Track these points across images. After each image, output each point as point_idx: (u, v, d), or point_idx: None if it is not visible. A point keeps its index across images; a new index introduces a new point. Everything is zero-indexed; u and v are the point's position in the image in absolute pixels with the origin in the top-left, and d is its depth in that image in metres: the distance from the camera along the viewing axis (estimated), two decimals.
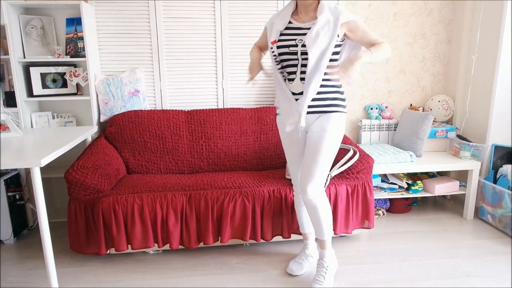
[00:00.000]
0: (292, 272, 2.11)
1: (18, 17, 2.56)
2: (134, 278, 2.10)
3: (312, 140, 1.84)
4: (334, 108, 1.84)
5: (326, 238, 1.96)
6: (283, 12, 1.85)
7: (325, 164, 1.84)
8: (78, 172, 2.10)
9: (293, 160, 2.00)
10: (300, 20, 1.82)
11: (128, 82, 2.71)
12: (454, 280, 2.05)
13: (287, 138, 1.96)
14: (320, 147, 1.82)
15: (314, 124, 1.85)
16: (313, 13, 1.80)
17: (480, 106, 2.93)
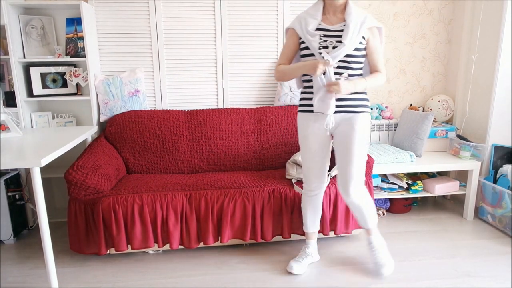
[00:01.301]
0: (292, 270, 2.11)
1: (18, 17, 2.56)
2: (134, 278, 2.10)
3: (343, 140, 1.90)
4: (361, 109, 1.89)
5: (371, 227, 2.08)
6: (311, 12, 1.84)
7: (360, 162, 1.91)
8: (78, 172, 2.10)
9: (312, 158, 1.98)
10: (328, 21, 1.83)
11: (128, 82, 2.71)
12: (454, 280, 2.05)
13: (310, 136, 1.94)
14: (352, 147, 1.88)
15: (343, 124, 1.89)
16: (341, 14, 1.82)
17: (480, 106, 2.93)
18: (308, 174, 2.04)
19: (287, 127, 2.76)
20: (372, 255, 2.12)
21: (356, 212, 2.03)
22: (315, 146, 1.95)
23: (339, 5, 1.80)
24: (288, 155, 2.76)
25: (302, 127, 1.97)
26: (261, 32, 2.86)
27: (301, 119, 1.98)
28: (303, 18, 1.85)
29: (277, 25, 2.86)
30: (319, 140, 1.95)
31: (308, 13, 1.85)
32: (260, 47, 2.88)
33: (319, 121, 1.91)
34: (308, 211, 2.11)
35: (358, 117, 1.89)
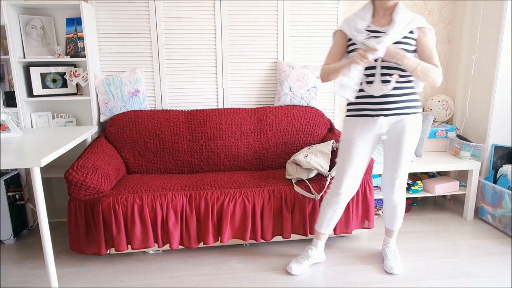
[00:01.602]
0: (291, 271, 2.11)
1: (18, 17, 2.56)
2: (134, 278, 2.10)
3: (394, 142, 1.92)
4: (413, 110, 1.89)
5: (396, 229, 2.19)
6: (360, 14, 1.85)
7: (408, 164, 1.98)
8: (78, 172, 2.10)
9: (350, 162, 1.96)
10: (378, 23, 1.83)
11: (128, 82, 2.71)
12: (454, 280, 2.05)
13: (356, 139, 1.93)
14: (403, 149, 1.92)
15: (395, 126, 1.89)
16: (391, 16, 1.83)
17: (480, 106, 2.93)
18: (341, 177, 2.00)
19: (287, 127, 2.76)
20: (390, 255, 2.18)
21: (390, 211, 2.11)
22: (357, 150, 1.94)
23: (389, 6, 1.80)
24: (288, 155, 2.76)
25: (348, 130, 1.96)
26: (261, 32, 2.86)
27: (348, 123, 1.97)
28: (351, 19, 1.86)
29: (277, 25, 2.86)
30: (362, 145, 1.94)
31: (356, 15, 1.86)
32: (260, 47, 2.88)
33: (368, 125, 1.90)
34: (328, 213, 2.08)
35: (410, 118, 1.89)
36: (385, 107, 1.85)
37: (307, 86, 2.83)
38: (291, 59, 2.94)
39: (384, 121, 1.87)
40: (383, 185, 2.09)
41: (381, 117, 1.86)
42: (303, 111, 2.80)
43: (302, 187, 2.28)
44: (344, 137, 1.98)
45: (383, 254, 2.25)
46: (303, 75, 2.82)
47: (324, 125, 2.81)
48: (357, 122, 1.92)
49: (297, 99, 2.84)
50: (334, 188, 2.04)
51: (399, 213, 2.11)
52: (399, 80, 1.83)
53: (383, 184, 2.08)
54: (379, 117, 1.87)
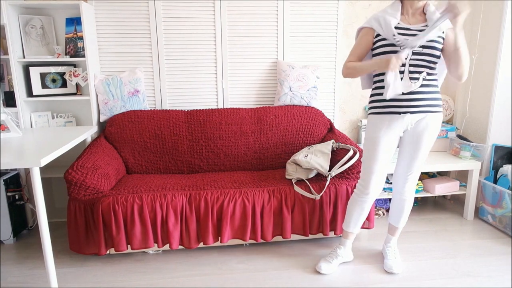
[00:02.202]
0: (320, 270, 2.10)
1: (18, 17, 2.56)
2: (134, 278, 2.10)
3: (415, 139, 1.93)
4: (436, 108, 1.90)
5: (400, 226, 2.19)
6: (390, 11, 1.84)
7: (423, 161, 2.00)
8: (78, 172, 2.10)
9: (377, 161, 1.95)
10: (407, 21, 1.83)
11: (128, 82, 2.71)
12: (454, 280, 2.05)
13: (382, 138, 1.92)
14: (423, 146, 1.94)
15: (418, 123, 1.90)
16: (420, 16, 1.84)
17: (480, 106, 2.93)
18: (369, 177, 1.98)
19: (287, 127, 2.75)
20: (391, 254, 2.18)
21: (398, 206, 2.12)
22: (383, 148, 1.93)
23: (419, 6, 1.82)
24: (288, 155, 2.76)
25: (374, 128, 1.94)
26: (261, 32, 2.86)
27: (373, 120, 1.95)
28: (380, 16, 1.85)
29: (277, 25, 2.86)
30: (388, 143, 1.93)
31: (386, 12, 1.85)
32: (260, 47, 2.88)
33: (395, 123, 1.90)
34: (356, 212, 2.07)
35: (432, 117, 1.90)
36: (412, 104, 1.85)
37: (307, 86, 2.83)
38: (291, 59, 2.94)
39: (410, 118, 1.88)
40: (396, 179, 2.08)
41: (408, 114, 1.87)
42: (303, 111, 2.80)
43: (302, 187, 2.27)
44: (370, 135, 1.96)
45: (383, 253, 2.25)
46: (303, 75, 2.81)
47: (324, 125, 2.81)
48: (384, 119, 1.91)
49: (297, 99, 2.84)
50: (362, 188, 2.02)
51: (406, 209, 2.11)
52: (426, 77, 1.84)
53: (396, 178, 2.08)
54: (406, 114, 1.87)
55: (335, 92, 3.03)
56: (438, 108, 1.90)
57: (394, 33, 1.78)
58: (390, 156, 1.97)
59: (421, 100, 1.85)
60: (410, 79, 1.82)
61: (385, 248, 2.24)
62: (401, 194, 2.08)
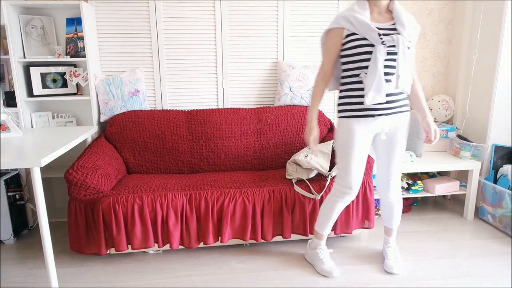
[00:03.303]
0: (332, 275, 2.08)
1: (18, 17, 2.56)
2: (134, 278, 2.10)
3: (389, 140, 1.94)
4: (407, 108, 1.92)
5: (395, 227, 2.19)
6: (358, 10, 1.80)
7: (402, 160, 2.01)
8: (78, 172, 2.10)
9: (358, 164, 1.93)
10: (374, 20, 1.82)
11: (128, 82, 2.71)
12: (454, 280, 2.05)
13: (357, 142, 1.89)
14: (398, 146, 1.95)
15: (391, 124, 1.90)
16: (386, 14, 1.83)
17: (480, 106, 2.93)
18: (349, 179, 1.95)
19: (287, 127, 2.75)
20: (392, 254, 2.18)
21: (388, 209, 2.13)
22: (359, 151, 1.91)
23: (384, 4, 1.81)
24: (288, 155, 2.76)
25: (348, 133, 1.89)
26: (261, 32, 2.86)
27: (347, 125, 1.89)
28: (350, 15, 1.79)
29: (277, 25, 2.86)
30: (364, 148, 1.92)
31: (354, 11, 1.80)
32: (260, 47, 2.88)
33: (370, 126, 1.88)
34: (334, 215, 2.06)
35: (404, 116, 1.91)
36: (387, 106, 1.84)
37: (308, 86, 2.83)
38: (291, 59, 2.94)
39: (384, 120, 1.87)
40: (379, 184, 2.09)
41: (383, 116, 1.86)
42: (303, 111, 2.80)
43: (302, 187, 2.28)
44: (344, 141, 1.91)
45: (384, 253, 2.25)
46: (303, 75, 2.82)
47: (324, 125, 2.81)
48: (358, 123, 1.87)
49: (297, 99, 2.84)
50: (344, 194, 1.98)
51: (396, 211, 2.12)
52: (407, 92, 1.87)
53: (379, 183, 2.09)
54: (380, 116, 1.85)
55: (335, 92, 3.03)
56: (407, 107, 1.93)
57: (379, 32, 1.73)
58: (365, 156, 1.95)
59: (394, 102, 1.85)
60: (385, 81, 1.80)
61: (385, 248, 2.24)
62: (387, 198, 2.09)
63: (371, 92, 1.77)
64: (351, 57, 1.82)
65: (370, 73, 1.77)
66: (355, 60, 1.81)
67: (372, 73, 1.76)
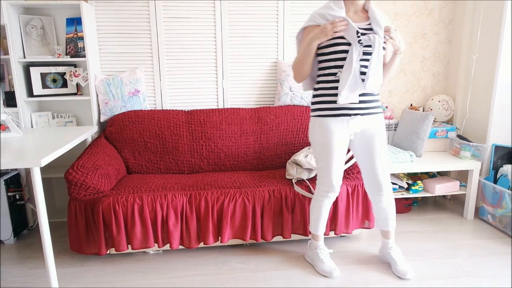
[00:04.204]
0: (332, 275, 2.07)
1: (18, 17, 2.56)
2: (134, 278, 2.10)
3: (369, 141, 1.92)
4: (379, 110, 1.92)
5: (391, 229, 2.14)
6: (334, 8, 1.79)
7: (387, 162, 1.98)
8: (78, 172, 2.10)
9: (336, 164, 1.93)
10: (351, 19, 1.81)
11: (128, 82, 2.71)
12: (454, 280, 2.05)
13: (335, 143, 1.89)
14: (380, 147, 1.93)
15: (367, 125, 1.89)
16: (362, 13, 1.84)
17: (480, 106, 2.93)
18: (330, 177, 1.96)
19: (287, 127, 2.75)
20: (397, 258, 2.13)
21: (381, 213, 2.08)
22: (338, 151, 1.91)
23: (361, 4, 1.82)
24: (288, 155, 2.76)
25: (326, 132, 1.88)
26: (261, 32, 2.86)
27: (323, 124, 1.88)
28: (326, 13, 1.79)
29: (277, 25, 2.86)
30: (343, 144, 1.91)
31: (330, 8, 1.80)
32: (260, 47, 2.88)
33: (346, 125, 1.87)
34: (324, 214, 2.07)
35: (377, 117, 1.91)
36: (363, 106, 1.84)
37: None
38: (291, 59, 2.94)
39: (359, 120, 1.87)
40: (368, 189, 2.05)
41: (358, 116, 1.85)
42: (303, 111, 2.80)
43: (302, 187, 2.28)
44: (321, 141, 1.90)
45: (388, 259, 2.17)
46: None
47: None
48: (335, 122, 1.86)
49: (297, 99, 2.84)
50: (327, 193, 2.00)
51: (391, 213, 2.07)
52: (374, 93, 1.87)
53: (368, 188, 2.04)
54: (356, 116, 1.85)
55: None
56: (379, 109, 1.92)
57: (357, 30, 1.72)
58: (344, 154, 1.95)
59: (369, 102, 1.85)
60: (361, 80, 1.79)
61: (389, 253, 2.16)
62: (380, 202, 2.03)
63: (345, 91, 1.77)
64: (327, 55, 1.82)
65: (345, 72, 1.76)
66: (332, 58, 1.81)
67: (347, 72, 1.76)
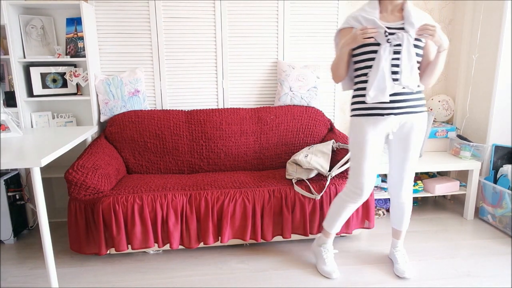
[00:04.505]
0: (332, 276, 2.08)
1: (18, 17, 2.56)
2: (134, 278, 2.10)
3: (403, 141, 1.92)
4: (421, 108, 1.88)
5: (404, 229, 2.16)
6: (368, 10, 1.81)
7: (416, 162, 1.98)
8: (78, 172, 2.10)
9: (369, 165, 1.92)
10: (385, 19, 1.81)
11: (128, 82, 2.71)
12: (454, 280, 2.05)
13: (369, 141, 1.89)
14: (412, 147, 1.93)
15: (404, 125, 1.88)
16: (398, 13, 1.83)
17: (480, 106, 2.93)
18: (361, 180, 1.94)
19: (287, 127, 2.75)
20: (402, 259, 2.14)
21: (398, 210, 2.09)
22: (371, 151, 1.91)
23: (397, 3, 1.81)
24: (288, 155, 2.76)
25: (359, 131, 1.90)
26: (261, 32, 2.86)
27: (358, 123, 1.90)
28: (359, 15, 1.82)
29: (277, 25, 2.86)
30: (376, 144, 1.91)
31: (364, 11, 1.82)
32: (260, 47, 2.88)
33: (379, 125, 1.87)
34: (343, 216, 2.06)
35: (418, 117, 1.88)
36: (396, 106, 1.83)
37: (307, 86, 2.83)
38: (291, 59, 2.94)
39: (394, 120, 1.86)
40: (391, 184, 2.06)
41: (392, 116, 1.85)
42: (303, 111, 2.80)
43: (302, 187, 2.28)
44: (356, 140, 1.92)
45: (392, 257, 2.21)
46: (303, 75, 2.82)
47: (324, 125, 2.81)
48: (368, 122, 1.88)
49: (297, 99, 2.84)
50: (354, 194, 1.98)
51: (407, 212, 2.09)
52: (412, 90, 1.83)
53: (391, 183, 2.06)
54: (389, 116, 1.85)
55: (335, 92, 3.03)
56: (422, 108, 1.89)
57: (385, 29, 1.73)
58: (378, 157, 1.95)
59: (404, 101, 1.83)
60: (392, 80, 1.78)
61: (394, 252, 2.20)
62: (399, 198, 2.05)
63: (372, 91, 1.77)
64: (359, 56, 1.84)
65: (373, 71, 1.77)
66: (363, 59, 1.82)
67: (375, 71, 1.76)
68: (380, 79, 1.76)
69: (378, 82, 1.76)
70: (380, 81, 1.76)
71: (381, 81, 1.76)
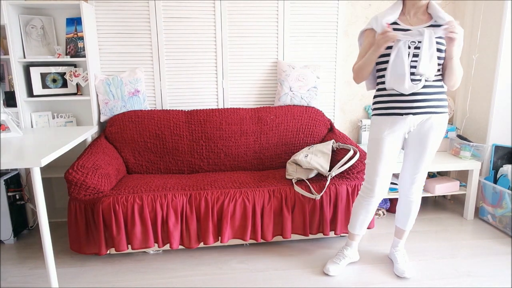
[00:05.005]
0: (328, 272, 2.10)
1: (18, 17, 2.56)
2: (134, 278, 2.10)
3: (420, 140, 1.91)
4: (442, 109, 1.88)
5: (408, 229, 2.15)
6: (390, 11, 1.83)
7: (430, 162, 1.98)
8: (78, 172, 2.10)
9: (381, 162, 1.94)
10: (407, 22, 1.81)
11: (128, 82, 2.71)
12: (454, 280, 2.05)
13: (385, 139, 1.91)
14: (429, 147, 1.92)
15: (423, 125, 1.88)
16: (422, 15, 1.82)
17: (480, 106, 2.93)
18: (374, 179, 1.97)
19: (287, 127, 2.75)
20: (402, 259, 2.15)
21: (405, 208, 2.09)
22: (387, 149, 1.92)
23: (421, 5, 1.80)
24: (288, 155, 2.76)
25: (377, 129, 1.93)
26: (261, 32, 2.86)
27: (376, 122, 1.94)
28: (380, 17, 1.84)
29: (277, 25, 2.86)
30: (393, 144, 1.92)
31: (386, 12, 1.85)
32: (260, 47, 2.88)
33: (397, 124, 1.88)
34: (361, 215, 2.07)
35: (438, 118, 1.87)
36: (415, 105, 1.83)
37: (307, 86, 2.83)
38: (291, 59, 2.94)
39: (413, 120, 1.86)
40: (402, 181, 2.06)
41: (410, 116, 1.85)
42: (303, 111, 2.80)
43: (302, 187, 2.28)
44: (373, 137, 1.95)
45: (392, 257, 2.21)
46: (303, 75, 2.82)
47: (324, 125, 2.81)
48: (386, 121, 1.90)
49: (297, 99, 2.84)
50: (367, 191, 2.01)
51: (413, 211, 2.09)
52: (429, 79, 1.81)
53: (402, 180, 2.06)
54: (408, 115, 1.85)
55: (335, 92, 3.03)
56: (443, 109, 1.88)
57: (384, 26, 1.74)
58: (394, 157, 1.96)
59: (423, 101, 1.83)
60: (412, 80, 1.79)
61: (394, 252, 2.20)
62: (408, 196, 2.06)
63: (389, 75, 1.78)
64: (382, 57, 1.86)
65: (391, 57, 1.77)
66: (385, 61, 1.84)
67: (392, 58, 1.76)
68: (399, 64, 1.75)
69: (395, 67, 1.76)
70: (398, 66, 1.76)
71: (399, 66, 1.76)
